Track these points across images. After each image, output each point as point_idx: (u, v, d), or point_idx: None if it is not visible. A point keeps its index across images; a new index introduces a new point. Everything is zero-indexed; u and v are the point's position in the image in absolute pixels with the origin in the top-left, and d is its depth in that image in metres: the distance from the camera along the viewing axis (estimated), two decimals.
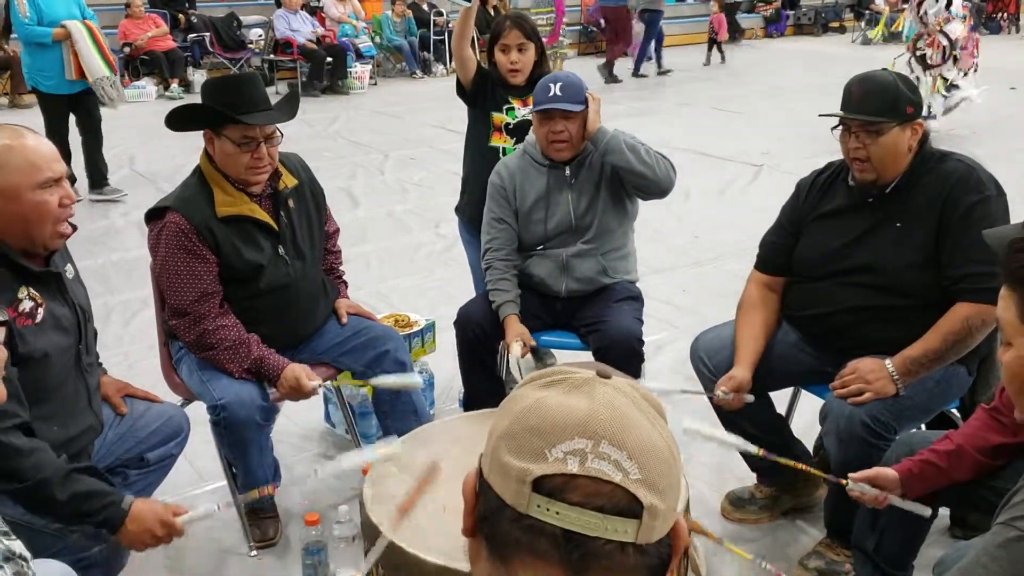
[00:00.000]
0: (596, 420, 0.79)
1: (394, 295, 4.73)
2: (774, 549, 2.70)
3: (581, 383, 0.82)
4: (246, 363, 2.59)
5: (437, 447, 2.09)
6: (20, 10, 6.21)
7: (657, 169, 2.89)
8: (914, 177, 2.41)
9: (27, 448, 1.91)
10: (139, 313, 4.47)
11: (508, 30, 3.31)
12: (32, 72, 6.39)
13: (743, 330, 2.58)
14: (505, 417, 0.84)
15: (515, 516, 0.79)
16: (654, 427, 0.82)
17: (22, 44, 6.49)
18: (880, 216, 2.44)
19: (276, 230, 2.68)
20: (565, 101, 2.85)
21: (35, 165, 2.03)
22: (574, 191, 2.98)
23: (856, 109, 2.39)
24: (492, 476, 0.82)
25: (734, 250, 5.17)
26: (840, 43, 16.85)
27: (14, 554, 1.20)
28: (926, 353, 2.30)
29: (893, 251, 2.40)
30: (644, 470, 0.79)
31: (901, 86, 2.39)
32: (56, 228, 2.08)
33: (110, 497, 1.97)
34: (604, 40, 14.02)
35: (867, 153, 2.38)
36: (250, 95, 2.59)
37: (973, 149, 6.24)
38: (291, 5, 11.78)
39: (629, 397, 0.82)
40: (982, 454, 1.99)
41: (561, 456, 0.78)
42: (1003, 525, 1.39)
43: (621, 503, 0.78)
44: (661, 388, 3.30)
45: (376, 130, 9.29)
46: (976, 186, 2.33)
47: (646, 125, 8.80)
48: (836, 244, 2.50)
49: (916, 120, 2.40)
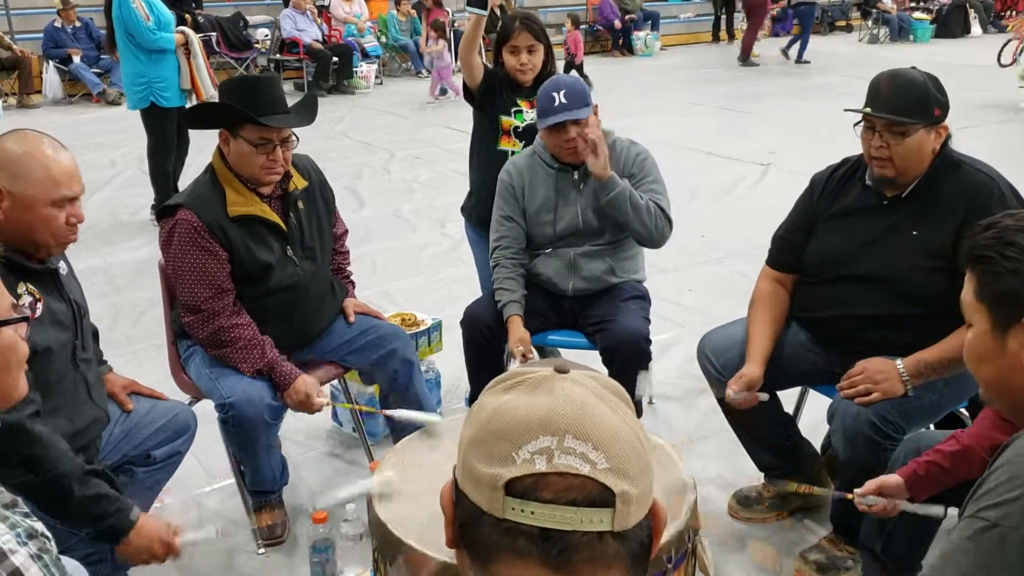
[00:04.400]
0: (558, 416, 0.80)
1: (400, 295, 4.74)
2: (782, 548, 2.70)
3: (540, 381, 0.83)
4: (259, 364, 2.60)
5: (444, 446, 2.09)
6: (142, 15, 5.57)
7: (653, 231, 2.91)
8: (933, 181, 2.36)
9: (48, 439, 1.92)
10: (147, 312, 4.49)
11: (518, 32, 3.28)
12: (148, 86, 5.66)
13: (755, 327, 2.56)
14: (471, 425, 0.85)
15: (493, 521, 0.80)
16: (617, 414, 0.83)
17: (132, 57, 5.68)
18: (896, 220, 2.40)
19: (285, 231, 2.68)
20: (572, 108, 2.82)
21: (56, 181, 2.04)
22: (583, 195, 2.98)
23: (883, 107, 2.31)
24: (466, 485, 0.83)
25: (741, 250, 5.17)
26: (847, 42, 16.82)
27: (37, 532, 1.22)
28: (941, 359, 2.26)
29: (908, 257, 2.36)
30: (611, 458, 0.79)
31: (931, 86, 2.32)
32: (57, 242, 2.11)
33: (120, 504, 1.98)
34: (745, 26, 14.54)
35: (890, 153, 2.32)
36: (269, 96, 2.59)
37: None
38: (301, 6, 11.81)
39: (589, 388, 0.83)
40: (989, 453, 1.98)
41: (528, 456, 0.79)
42: (971, 518, 1.40)
43: (593, 494, 0.78)
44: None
45: (382, 130, 9.31)
46: (999, 200, 2.28)
47: (651, 126, 8.81)
48: (849, 246, 2.46)
49: (942, 123, 2.34)
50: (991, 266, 1.48)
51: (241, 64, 11.99)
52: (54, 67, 11.10)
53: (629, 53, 15.37)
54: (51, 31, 11.17)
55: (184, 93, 5.81)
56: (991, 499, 1.37)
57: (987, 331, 1.50)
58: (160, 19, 5.71)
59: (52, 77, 11.10)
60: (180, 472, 2.56)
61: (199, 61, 5.84)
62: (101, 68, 11.18)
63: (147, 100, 5.71)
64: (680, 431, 3.34)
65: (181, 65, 5.77)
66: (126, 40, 5.68)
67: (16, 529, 1.19)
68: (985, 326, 1.51)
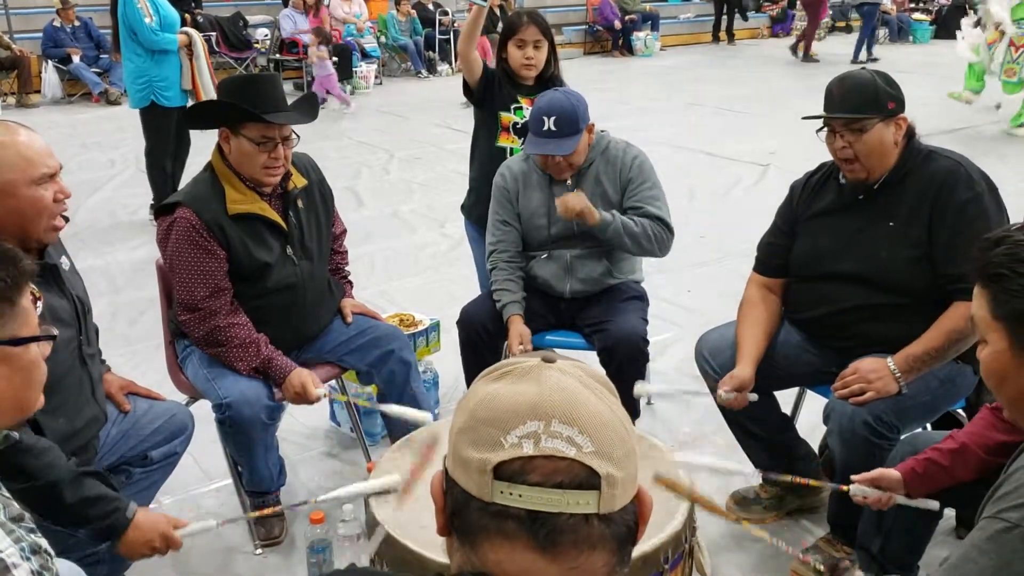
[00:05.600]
0: (545, 402, 0.83)
1: (399, 295, 4.73)
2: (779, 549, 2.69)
3: (528, 370, 0.86)
4: (255, 362, 2.59)
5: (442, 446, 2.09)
6: (145, 15, 5.59)
7: (656, 250, 2.95)
8: (902, 173, 2.41)
9: (39, 447, 1.91)
10: (145, 312, 4.48)
11: (526, 25, 3.29)
12: (150, 85, 5.67)
13: (744, 330, 2.59)
14: (461, 414, 0.87)
15: (482, 505, 0.82)
16: (602, 401, 0.85)
17: (134, 55, 5.68)
18: (871, 214, 2.44)
19: (285, 230, 2.68)
20: (559, 137, 2.81)
21: (30, 160, 2.03)
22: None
23: (837, 108, 2.40)
24: (456, 472, 0.86)
25: (740, 250, 5.16)
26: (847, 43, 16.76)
27: (40, 548, 1.22)
28: (927, 351, 2.30)
29: (887, 249, 2.40)
30: (597, 442, 0.82)
31: (879, 82, 2.39)
32: (50, 222, 2.10)
33: (116, 503, 1.98)
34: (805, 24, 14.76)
35: (853, 152, 2.38)
36: (270, 95, 2.59)
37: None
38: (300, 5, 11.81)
39: (575, 377, 0.86)
40: (987, 453, 1.99)
41: (516, 441, 0.81)
42: (990, 519, 1.40)
43: (579, 476, 0.81)
44: (663, 391, 3.31)
45: (381, 130, 9.30)
46: (966, 183, 2.33)
47: (651, 126, 8.81)
48: (830, 244, 2.51)
49: (899, 115, 2.40)
50: (1006, 283, 1.47)
51: (241, 64, 11.98)
52: (53, 67, 11.09)
53: (629, 53, 15.38)
54: (50, 31, 11.16)
55: (185, 93, 5.80)
56: (1012, 500, 1.38)
57: (1006, 349, 1.49)
58: (165, 19, 5.71)
59: (51, 77, 11.09)
60: (177, 472, 2.55)
61: (201, 62, 5.83)
62: (100, 67, 11.17)
63: (148, 99, 5.71)
64: (679, 431, 3.34)
65: (183, 65, 5.76)
66: (129, 39, 5.70)
67: (20, 543, 1.19)
68: (1003, 344, 1.49)
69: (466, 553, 0.84)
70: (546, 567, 0.81)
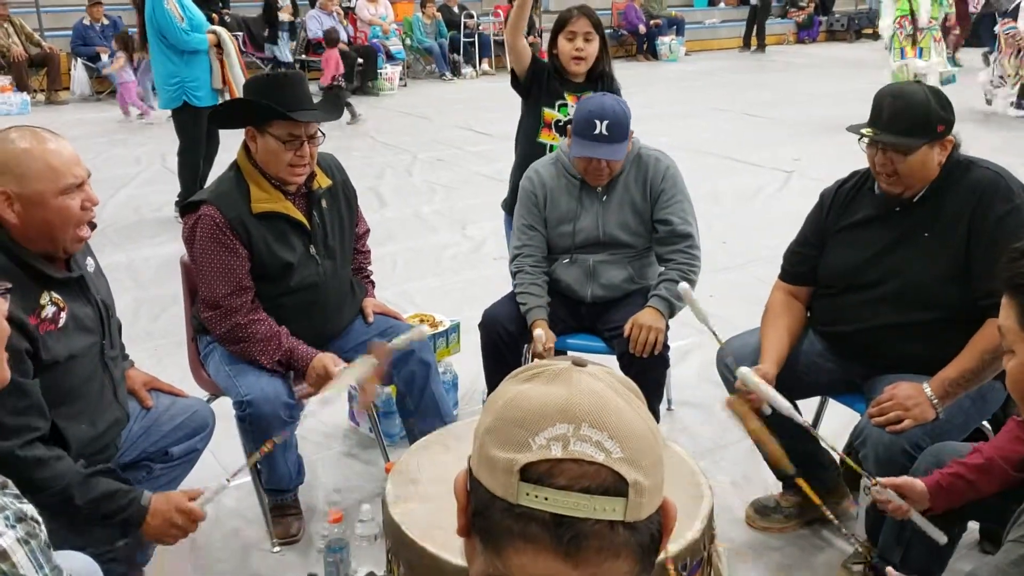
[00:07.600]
0: (575, 405, 0.81)
1: (419, 295, 4.74)
2: (799, 559, 2.67)
3: (558, 373, 0.85)
4: (277, 355, 2.60)
5: (460, 448, 2.09)
6: (175, 15, 5.61)
7: (694, 280, 2.97)
8: (942, 186, 2.35)
9: (47, 458, 1.92)
10: (168, 309, 4.51)
11: (577, 18, 3.28)
12: (181, 85, 5.72)
13: (768, 333, 2.57)
14: (488, 414, 0.86)
15: (506, 507, 0.80)
16: (631, 407, 0.84)
17: (165, 58, 5.72)
18: (907, 227, 2.39)
19: (308, 229, 2.69)
20: (612, 143, 2.82)
21: (57, 171, 2.00)
22: (604, 208, 2.97)
23: (886, 127, 2.32)
24: (481, 472, 0.84)
25: (763, 256, 5.12)
26: (874, 49, 16.61)
27: (26, 515, 1.22)
28: (963, 374, 2.24)
29: (921, 264, 2.35)
30: (626, 449, 0.80)
31: (933, 103, 2.30)
32: (77, 232, 2.07)
33: (128, 496, 1.99)
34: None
35: (895, 168, 2.33)
36: (296, 93, 2.60)
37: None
38: (327, 6, 11.87)
39: (605, 382, 0.85)
40: (1012, 467, 1.96)
41: (544, 443, 0.80)
42: (1015, 543, 1.38)
43: (607, 482, 0.79)
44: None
45: (405, 131, 9.33)
46: (1005, 194, 2.28)
47: (674, 131, 8.78)
48: (862, 257, 2.46)
49: (947, 137, 2.33)
50: None
51: (267, 64, 12.06)
52: (82, 64, 11.21)
53: (654, 58, 15.35)
54: (80, 28, 11.29)
55: (216, 92, 5.84)
56: None
57: None
58: (193, 20, 5.75)
59: (80, 74, 11.22)
60: (197, 469, 2.56)
61: (232, 59, 5.87)
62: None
63: (179, 99, 5.76)
64: (699, 438, 3.32)
65: (213, 65, 5.80)
66: (158, 40, 5.72)
67: (5, 512, 1.19)
68: None
69: (489, 557, 0.82)
70: (568, 572, 0.79)
